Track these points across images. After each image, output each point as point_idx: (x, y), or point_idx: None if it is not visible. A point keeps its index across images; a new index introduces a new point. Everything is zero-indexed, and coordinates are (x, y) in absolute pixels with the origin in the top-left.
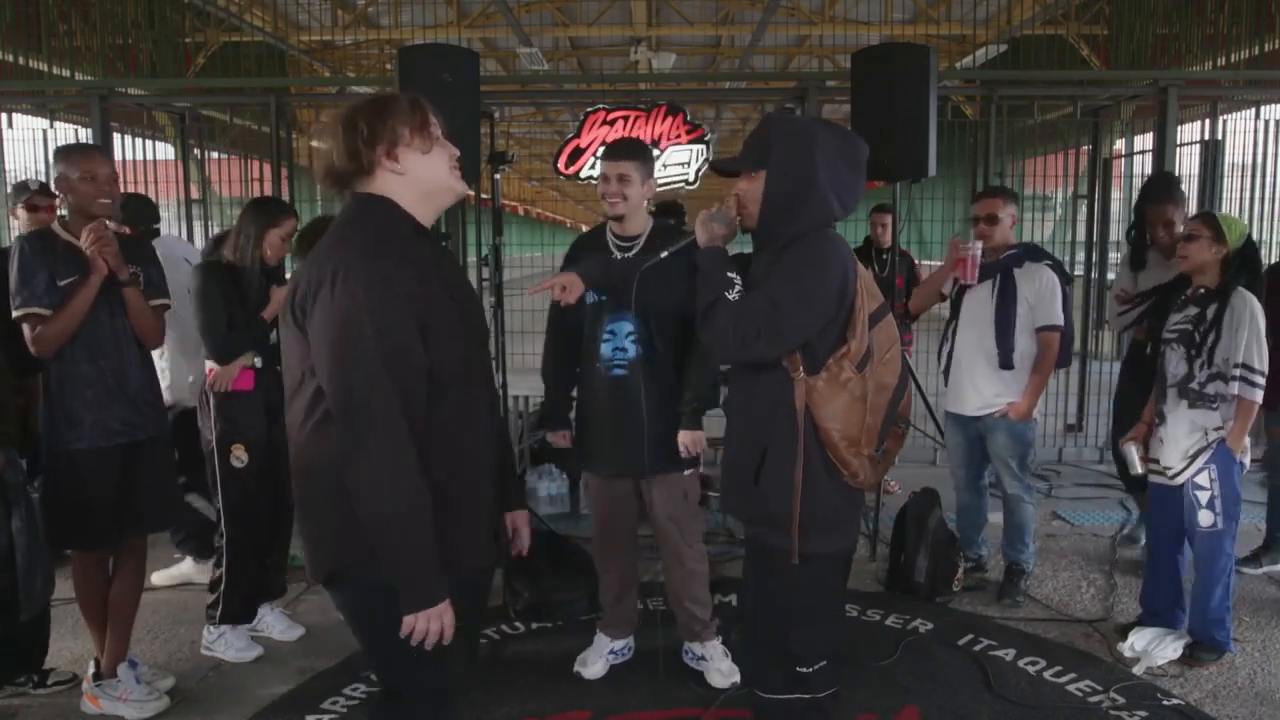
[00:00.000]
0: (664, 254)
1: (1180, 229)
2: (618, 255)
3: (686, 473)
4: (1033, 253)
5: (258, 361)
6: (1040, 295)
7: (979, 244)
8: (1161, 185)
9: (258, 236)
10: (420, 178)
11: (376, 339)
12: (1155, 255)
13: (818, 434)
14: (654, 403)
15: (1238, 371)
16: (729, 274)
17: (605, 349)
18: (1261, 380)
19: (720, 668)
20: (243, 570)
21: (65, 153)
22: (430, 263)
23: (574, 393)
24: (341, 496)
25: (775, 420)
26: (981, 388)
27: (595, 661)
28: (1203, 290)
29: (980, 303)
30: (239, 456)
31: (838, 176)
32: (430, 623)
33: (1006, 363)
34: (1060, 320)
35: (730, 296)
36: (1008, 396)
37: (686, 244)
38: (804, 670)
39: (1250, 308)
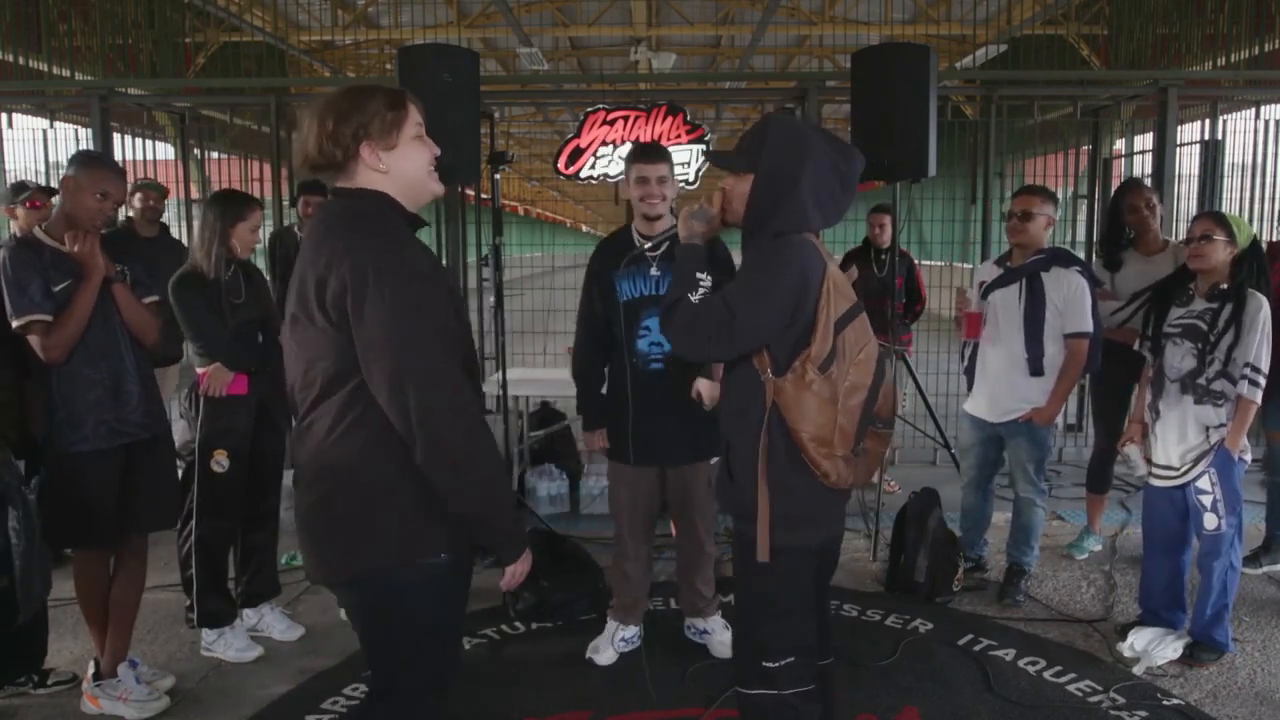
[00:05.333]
0: (647, 245)
1: (1158, 211)
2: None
3: (712, 461)
4: (1061, 258)
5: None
6: (1069, 301)
7: (986, 303)
8: (1136, 178)
9: (224, 233)
10: (400, 175)
11: (438, 328)
12: (1133, 254)
13: (789, 434)
14: (689, 396)
15: (1246, 371)
16: (698, 274)
17: (642, 344)
18: (1264, 381)
19: (723, 639)
20: (214, 570)
21: (88, 161)
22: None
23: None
24: (376, 494)
25: (746, 419)
26: (1007, 392)
27: (606, 649)
28: (1222, 287)
29: (1008, 307)
30: (220, 461)
31: (825, 189)
32: (522, 566)
33: (1037, 369)
34: (1090, 327)
35: (692, 298)
36: (1032, 401)
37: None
38: (770, 665)
39: (1263, 309)
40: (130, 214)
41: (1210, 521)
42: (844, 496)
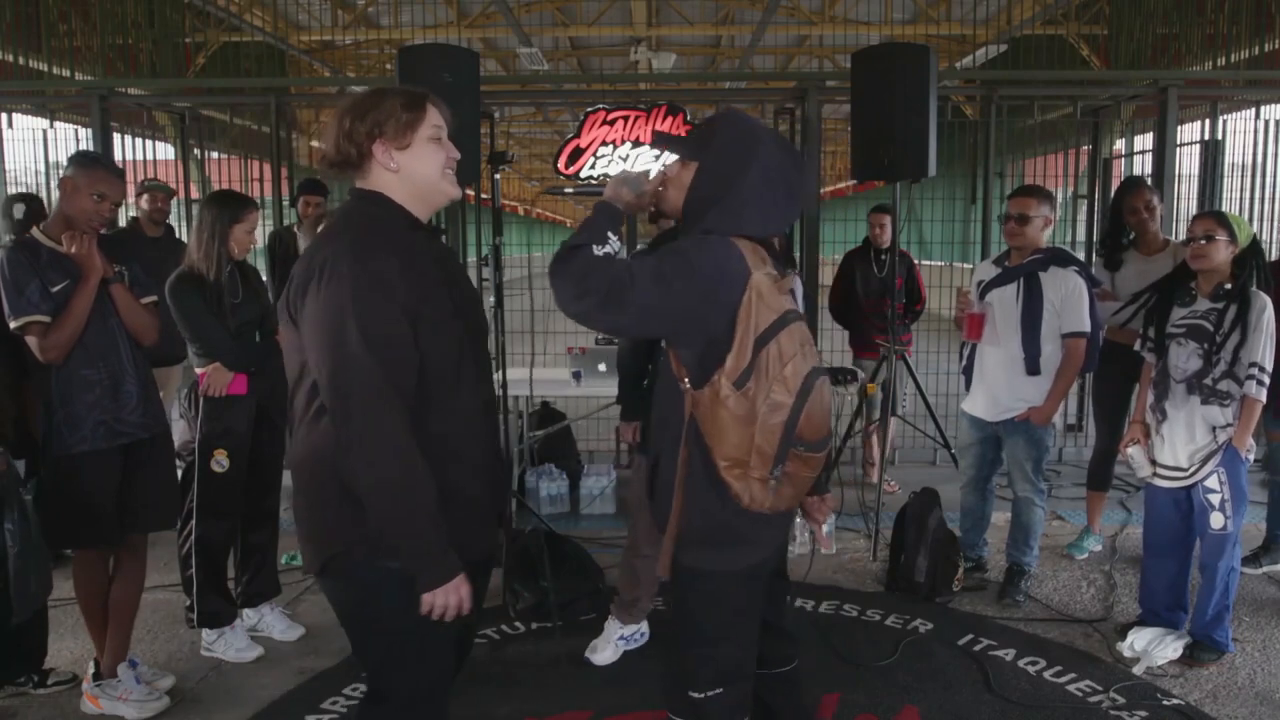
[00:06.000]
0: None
1: (1158, 212)
2: None
3: None
4: (1059, 258)
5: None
6: (1067, 301)
7: (989, 304)
8: (1136, 178)
9: (223, 234)
10: (412, 176)
11: (361, 330)
12: (1133, 254)
13: (706, 450)
14: None
15: (1253, 371)
16: (609, 233)
17: None
18: (1268, 380)
19: None
20: (214, 570)
21: (86, 162)
22: (424, 255)
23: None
24: (333, 487)
25: (667, 430)
26: (1005, 392)
27: (605, 648)
28: (1226, 287)
29: (1005, 306)
30: (220, 461)
31: (767, 195)
32: (448, 597)
33: (1033, 369)
34: (1087, 327)
35: (596, 251)
36: (1029, 400)
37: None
38: (696, 696)
39: (1268, 309)
40: (137, 214)
41: (1217, 521)
42: (780, 518)
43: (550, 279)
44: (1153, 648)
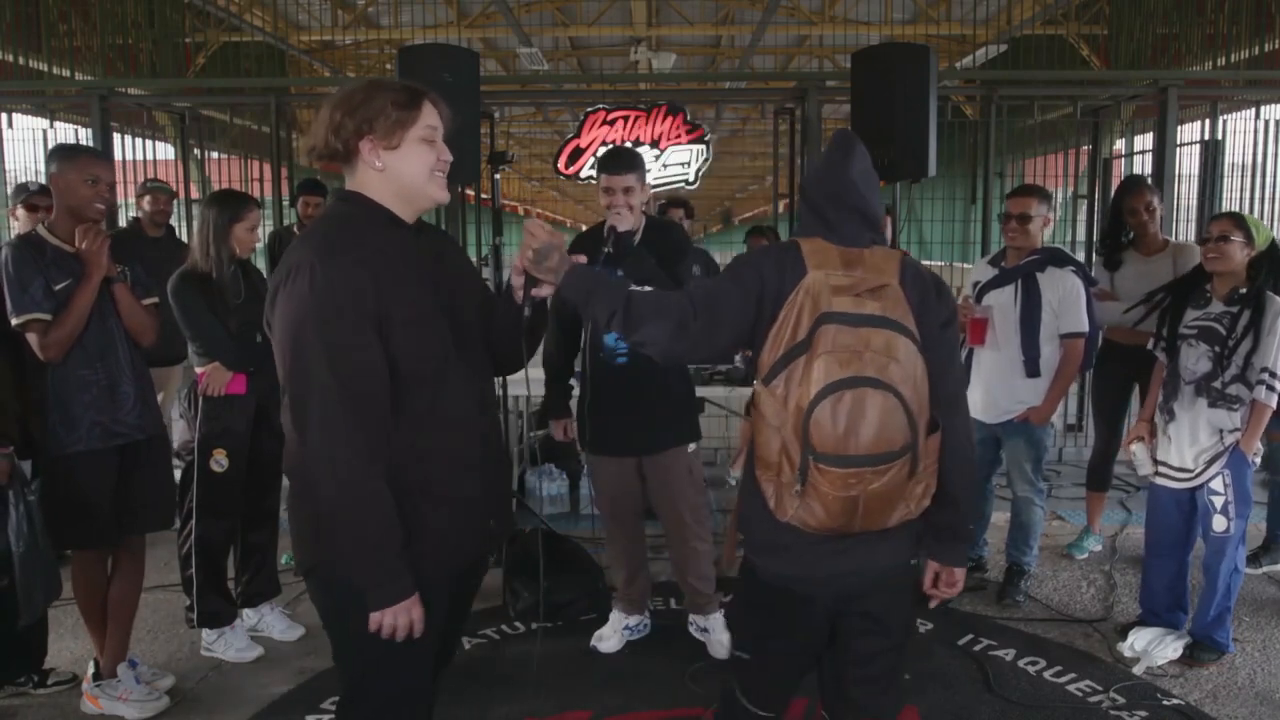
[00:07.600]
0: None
1: (1158, 213)
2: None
3: (690, 448)
4: (1056, 257)
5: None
6: (1065, 301)
7: (990, 308)
8: (1136, 178)
9: (224, 233)
10: (398, 177)
11: (319, 337)
12: (1132, 254)
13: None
14: (657, 385)
15: (1264, 376)
16: (609, 273)
17: (609, 339)
18: (1279, 386)
19: (721, 639)
20: (214, 570)
21: (67, 153)
22: (409, 254)
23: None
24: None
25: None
26: (1004, 394)
27: (610, 637)
28: (1241, 291)
29: (1004, 308)
30: (219, 460)
31: (821, 198)
32: (397, 618)
33: (1033, 371)
34: (1086, 327)
35: (636, 289)
36: (1028, 402)
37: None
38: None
39: None
40: (139, 215)
41: (1219, 523)
42: (829, 542)
43: (632, 342)
44: (1153, 648)
